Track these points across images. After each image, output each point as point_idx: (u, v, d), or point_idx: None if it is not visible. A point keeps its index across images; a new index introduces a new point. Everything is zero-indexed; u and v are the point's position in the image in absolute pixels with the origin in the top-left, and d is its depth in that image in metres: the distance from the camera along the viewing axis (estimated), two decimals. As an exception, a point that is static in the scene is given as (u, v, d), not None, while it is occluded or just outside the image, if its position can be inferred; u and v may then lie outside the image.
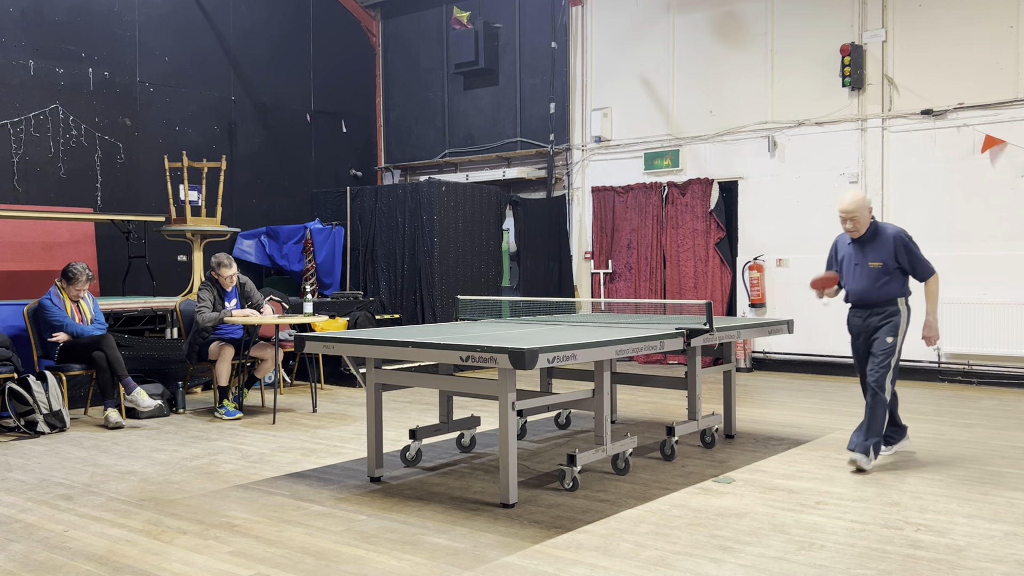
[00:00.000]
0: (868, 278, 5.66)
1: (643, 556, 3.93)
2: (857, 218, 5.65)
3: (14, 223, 9.40)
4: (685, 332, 5.57)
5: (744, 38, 10.64)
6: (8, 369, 7.11)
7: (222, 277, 7.75)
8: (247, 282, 8.01)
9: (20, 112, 9.87)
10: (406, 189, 10.91)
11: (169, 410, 7.79)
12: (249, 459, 5.97)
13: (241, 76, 12.10)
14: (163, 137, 11.16)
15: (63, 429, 6.99)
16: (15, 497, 5.04)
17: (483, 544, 4.10)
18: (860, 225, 5.66)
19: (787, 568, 3.76)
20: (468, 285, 10.90)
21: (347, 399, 8.62)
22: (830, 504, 4.71)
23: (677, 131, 11.18)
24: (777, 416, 7.44)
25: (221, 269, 7.75)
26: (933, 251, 9.33)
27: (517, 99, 12.57)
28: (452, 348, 4.64)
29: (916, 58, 9.49)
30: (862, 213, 5.62)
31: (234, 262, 7.90)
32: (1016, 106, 8.91)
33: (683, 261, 11.03)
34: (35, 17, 10.01)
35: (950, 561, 3.82)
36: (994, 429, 6.76)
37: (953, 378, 9.27)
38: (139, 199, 10.84)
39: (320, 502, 4.86)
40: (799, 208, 10.26)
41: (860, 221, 5.66)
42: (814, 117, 10.13)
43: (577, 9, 11.98)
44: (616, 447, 5.35)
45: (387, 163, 14.04)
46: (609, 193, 11.65)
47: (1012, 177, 8.95)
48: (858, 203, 5.62)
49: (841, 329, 9.99)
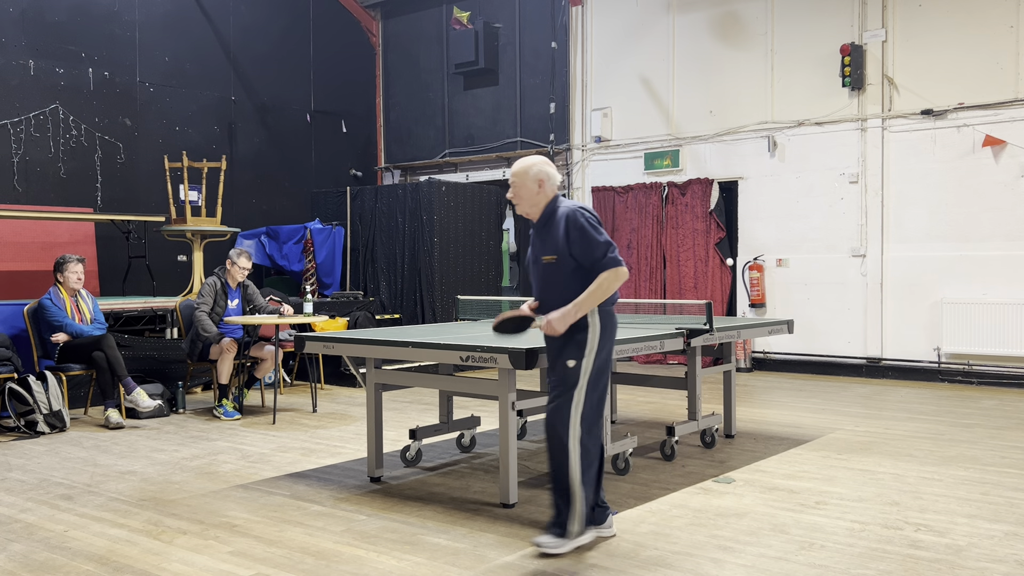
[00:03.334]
0: (542, 278, 4.09)
1: (643, 556, 3.92)
2: (519, 191, 4.09)
3: (14, 223, 9.40)
4: (685, 332, 5.57)
5: (744, 38, 10.64)
6: (8, 369, 7.11)
7: (235, 267, 7.76)
8: (249, 284, 8.02)
9: (20, 112, 9.87)
10: (406, 189, 10.91)
11: (169, 410, 7.79)
12: (249, 459, 5.97)
13: (241, 76, 12.10)
14: (163, 137, 11.16)
15: (63, 429, 6.99)
16: (15, 497, 5.04)
17: (483, 544, 4.10)
18: (524, 201, 4.10)
19: (787, 568, 3.76)
20: (468, 285, 10.90)
21: (347, 399, 8.62)
22: (830, 504, 4.71)
23: (677, 131, 11.18)
24: (777, 416, 7.44)
25: (240, 259, 7.78)
26: (933, 251, 9.37)
27: (517, 99, 12.57)
28: (452, 348, 4.64)
29: (916, 58, 9.50)
30: (524, 183, 4.06)
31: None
32: (1016, 106, 8.91)
33: (683, 261, 11.03)
34: (35, 17, 10.01)
35: (950, 561, 3.82)
36: (994, 429, 6.76)
37: (953, 378, 9.27)
38: (139, 199, 10.84)
39: (320, 502, 4.86)
40: (799, 208, 10.27)
41: (523, 195, 4.08)
42: (814, 117, 10.13)
43: (577, 9, 11.98)
44: (616, 447, 5.35)
45: (387, 163, 14.04)
46: (609, 193, 11.65)
47: (1012, 177, 8.95)
48: (522, 168, 4.08)
49: (841, 329, 10.07)
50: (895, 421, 7.13)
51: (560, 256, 3.96)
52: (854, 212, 9.88)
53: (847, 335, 9.94)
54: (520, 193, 4.10)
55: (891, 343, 9.66)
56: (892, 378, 9.63)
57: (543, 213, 4.07)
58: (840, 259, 9.98)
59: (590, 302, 3.87)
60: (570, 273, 3.95)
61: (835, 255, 10.02)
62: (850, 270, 9.91)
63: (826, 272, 10.08)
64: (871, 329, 9.76)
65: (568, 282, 3.95)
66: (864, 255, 9.80)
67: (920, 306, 9.47)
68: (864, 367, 9.82)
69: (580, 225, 3.91)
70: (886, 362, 9.70)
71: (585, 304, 3.87)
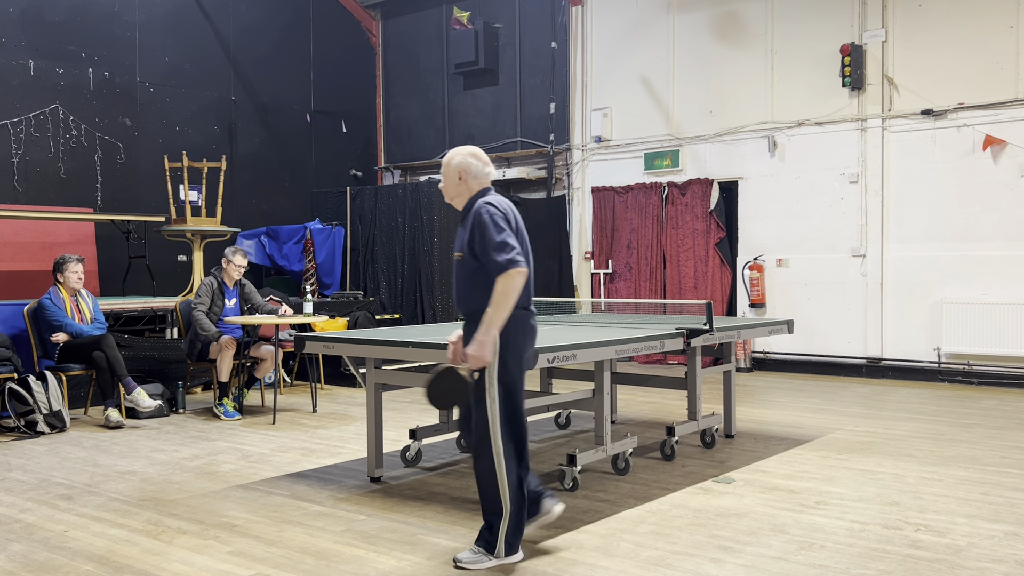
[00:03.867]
0: (455, 274, 3.99)
1: (643, 556, 3.92)
2: (444, 181, 3.99)
3: (14, 223, 9.40)
4: (685, 332, 5.57)
5: (744, 38, 10.64)
6: (8, 369, 7.11)
7: (232, 265, 7.78)
8: (247, 283, 8.02)
9: (20, 112, 9.87)
10: (406, 189, 10.91)
11: (169, 410, 7.79)
12: (249, 459, 5.97)
13: (241, 76, 12.10)
14: (163, 137, 11.16)
15: (63, 429, 6.99)
16: (15, 497, 5.04)
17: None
18: (447, 192, 3.99)
19: (787, 568, 3.76)
20: (468, 285, 10.88)
21: (347, 399, 8.62)
22: (830, 504, 4.71)
23: (677, 131, 11.18)
24: (777, 416, 7.44)
25: (236, 257, 7.79)
26: (933, 251, 9.37)
27: (517, 99, 12.57)
28: (452, 348, 4.63)
29: (916, 58, 9.49)
30: (446, 174, 3.97)
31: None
32: (1016, 106, 8.91)
33: (683, 261, 11.03)
34: (35, 17, 10.01)
35: (950, 561, 3.82)
36: (994, 429, 6.76)
37: (953, 378, 9.27)
38: (139, 199, 10.84)
39: (320, 502, 4.86)
40: (799, 208, 10.27)
41: (446, 186, 3.98)
42: (814, 117, 10.13)
43: (577, 9, 11.98)
44: (616, 447, 5.35)
45: (387, 163, 14.04)
46: (609, 193, 11.65)
47: (1012, 177, 8.95)
48: (447, 159, 3.98)
49: (841, 329, 10.07)
50: (895, 421, 7.14)
51: (465, 254, 3.83)
52: (854, 212, 9.88)
53: (847, 335, 9.94)
54: (444, 183, 3.98)
55: (891, 343, 9.65)
56: (892, 378, 9.63)
57: (464, 207, 3.93)
58: (840, 259, 9.98)
59: (497, 316, 3.65)
60: (475, 271, 3.79)
61: (835, 255, 10.02)
62: (850, 270, 9.91)
63: (826, 272, 10.08)
64: (871, 329, 9.76)
65: (474, 280, 3.78)
66: (864, 255, 9.80)
67: (920, 306, 9.47)
68: (864, 367, 9.82)
69: (482, 223, 3.73)
70: (886, 362, 9.69)
71: (494, 322, 3.65)
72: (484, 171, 3.95)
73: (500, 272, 3.64)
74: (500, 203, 3.84)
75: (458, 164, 3.92)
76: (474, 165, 3.92)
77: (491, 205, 3.78)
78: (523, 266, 3.68)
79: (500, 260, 3.64)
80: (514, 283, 3.65)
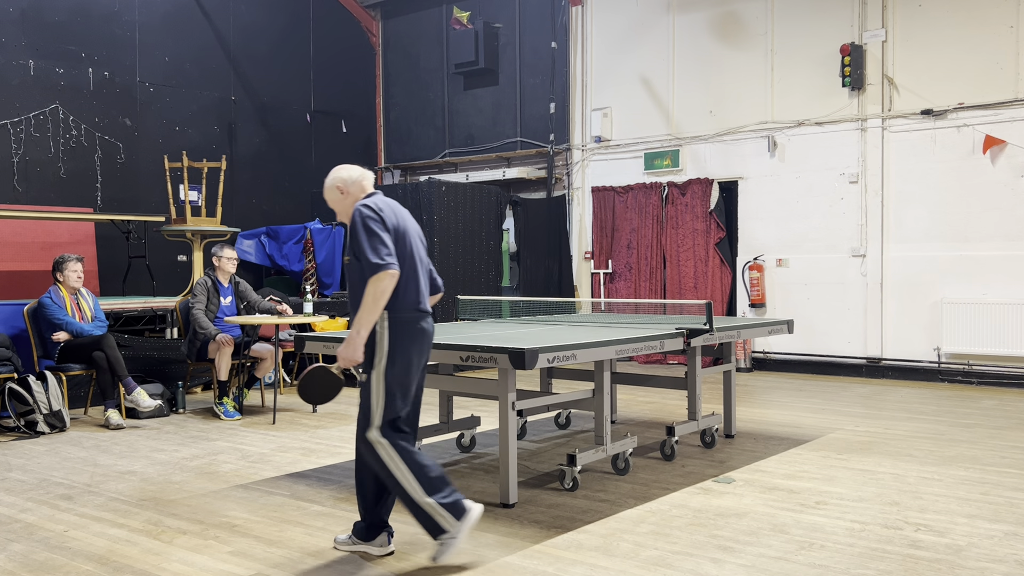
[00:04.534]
0: (348, 278, 3.94)
1: (643, 556, 3.93)
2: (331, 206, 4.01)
3: (14, 223, 9.40)
4: (685, 332, 5.57)
5: (744, 38, 10.64)
6: (8, 369, 7.11)
7: (222, 260, 7.81)
8: (241, 281, 8.04)
9: (20, 112, 9.87)
10: (406, 189, 10.91)
11: (169, 410, 7.79)
12: (249, 459, 5.97)
13: (241, 76, 12.10)
14: (163, 137, 11.16)
15: (63, 429, 6.99)
16: (15, 497, 5.04)
17: (483, 544, 4.10)
18: (338, 212, 4.03)
19: (787, 568, 3.76)
20: (468, 285, 10.90)
21: (347, 399, 8.62)
22: (830, 504, 4.71)
23: (677, 131, 11.18)
24: (777, 416, 7.44)
25: (224, 251, 7.86)
26: (933, 251, 9.37)
27: (517, 99, 12.57)
28: (452, 348, 4.64)
29: (916, 58, 9.50)
30: (329, 197, 4.01)
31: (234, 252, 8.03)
32: (1016, 106, 8.91)
33: (683, 261, 11.03)
34: (35, 17, 10.01)
35: (950, 561, 3.82)
36: (994, 429, 6.76)
37: (953, 378, 9.27)
38: (139, 199, 10.84)
39: (320, 502, 4.86)
40: (799, 208, 10.27)
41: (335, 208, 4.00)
42: (814, 117, 10.13)
43: (577, 9, 11.98)
44: (616, 447, 5.35)
45: (387, 163, 14.04)
46: (609, 193, 11.65)
47: (1012, 177, 8.95)
48: (325, 187, 4.02)
49: (841, 329, 10.06)
50: (895, 421, 7.14)
51: (351, 257, 3.82)
52: (854, 212, 9.88)
53: (847, 335, 9.94)
54: (332, 205, 4.00)
55: (891, 343, 9.66)
56: (892, 378, 9.63)
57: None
58: (840, 259, 9.98)
59: (366, 317, 3.64)
60: (362, 273, 3.70)
61: (835, 255, 10.02)
62: (850, 270, 9.91)
63: (826, 272, 10.08)
64: (871, 329, 9.76)
65: (363, 282, 3.70)
66: (864, 255, 9.80)
67: (920, 306, 9.47)
68: (864, 367, 9.82)
69: (355, 225, 3.73)
70: (886, 362, 9.70)
71: (362, 321, 3.64)
72: (360, 177, 3.98)
73: (370, 274, 3.63)
74: (377, 203, 3.81)
75: (333, 181, 3.97)
76: (349, 176, 3.96)
77: (365, 207, 3.77)
78: (392, 268, 3.64)
79: (369, 262, 3.63)
80: (382, 285, 3.62)
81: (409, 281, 3.81)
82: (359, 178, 3.98)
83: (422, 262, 3.93)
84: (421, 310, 3.86)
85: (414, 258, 3.85)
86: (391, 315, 3.76)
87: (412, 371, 3.82)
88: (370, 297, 3.62)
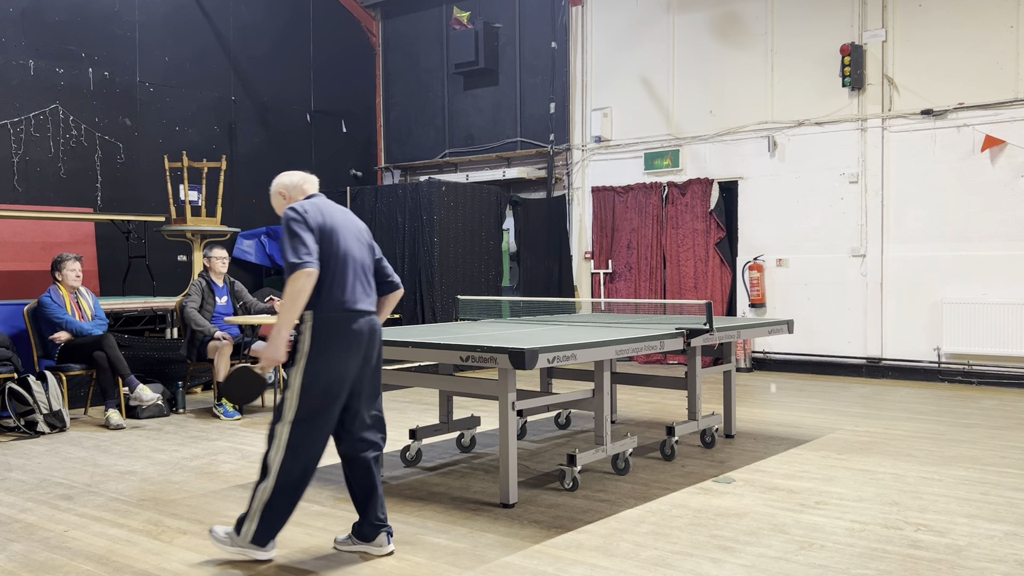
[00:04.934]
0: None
1: (643, 556, 3.93)
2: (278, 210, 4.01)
3: (14, 223, 9.40)
4: (685, 332, 5.57)
5: (744, 38, 10.64)
6: (8, 369, 7.11)
7: (214, 260, 7.88)
8: (235, 282, 8.06)
9: (20, 112, 9.88)
10: (406, 189, 10.91)
11: (169, 410, 7.78)
12: (249, 459, 5.97)
13: (241, 76, 12.10)
14: (163, 137, 11.17)
15: (63, 429, 6.99)
16: (15, 497, 5.04)
17: (483, 544, 4.10)
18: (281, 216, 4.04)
19: (787, 568, 3.76)
20: (468, 285, 10.90)
21: (347, 399, 8.62)
22: (830, 504, 4.71)
23: (677, 131, 11.18)
24: (777, 416, 7.44)
25: (214, 251, 7.95)
26: (933, 251, 9.37)
27: (517, 99, 12.57)
28: (452, 348, 4.64)
29: (916, 58, 9.50)
30: (274, 203, 4.04)
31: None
32: (1016, 106, 8.91)
33: (683, 261, 11.03)
34: (35, 17, 10.01)
35: (950, 561, 3.82)
36: (994, 429, 6.76)
37: (953, 378, 9.27)
38: (139, 199, 10.84)
39: (320, 502, 4.86)
40: (799, 208, 10.27)
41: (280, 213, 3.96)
42: (814, 117, 10.13)
43: (577, 9, 11.98)
44: (616, 447, 5.35)
45: (387, 163, 14.04)
46: (609, 193, 11.65)
47: (1012, 177, 8.95)
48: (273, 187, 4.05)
49: (841, 329, 10.06)
50: (895, 421, 7.14)
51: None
52: (854, 212, 9.88)
53: (847, 335, 9.94)
54: (278, 213, 3.99)
55: (891, 343, 9.66)
56: (892, 378, 9.63)
57: None
58: (840, 259, 9.98)
59: (284, 317, 3.63)
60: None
61: (835, 255, 10.02)
62: (850, 270, 9.91)
63: (826, 272, 10.08)
64: (871, 329, 9.76)
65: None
66: (864, 255, 9.80)
67: (920, 306, 9.47)
68: (864, 367, 9.82)
69: (283, 226, 3.76)
70: (886, 362, 9.70)
71: (282, 321, 3.64)
72: (301, 181, 3.99)
73: (287, 274, 3.64)
74: (304, 205, 3.81)
75: (276, 188, 4.00)
76: (290, 182, 3.98)
77: (291, 209, 3.78)
78: (308, 267, 3.62)
79: (287, 261, 3.65)
80: (298, 284, 3.60)
81: (335, 280, 3.76)
82: (299, 183, 3.98)
83: (356, 260, 3.86)
84: (350, 309, 3.79)
85: (343, 257, 3.80)
86: (315, 314, 3.74)
87: (336, 371, 3.75)
88: (288, 296, 3.61)
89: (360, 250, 3.92)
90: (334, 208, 3.92)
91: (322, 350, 3.72)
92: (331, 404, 3.77)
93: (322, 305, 3.74)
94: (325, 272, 3.73)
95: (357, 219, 4.04)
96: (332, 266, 3.76)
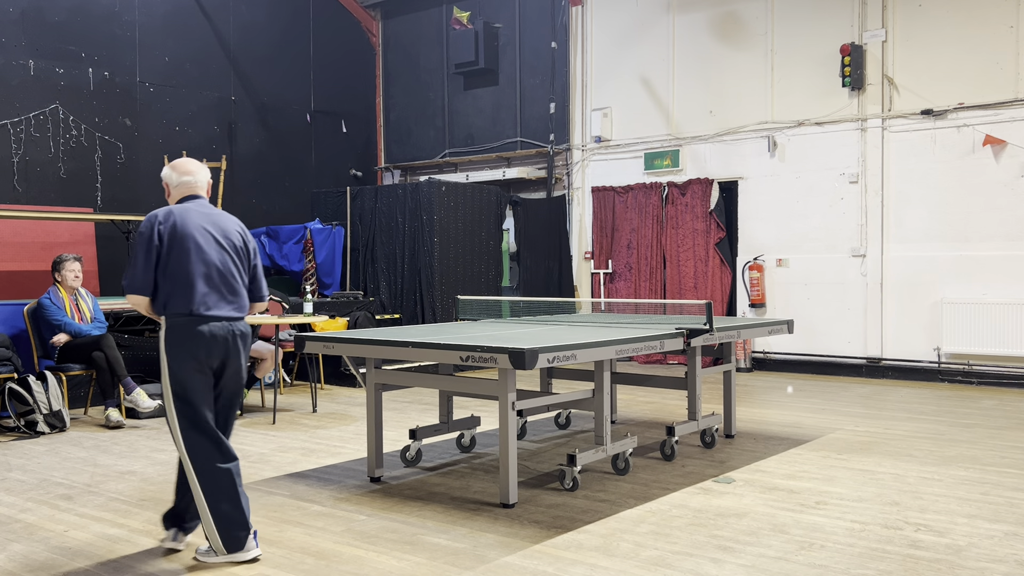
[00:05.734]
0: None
1: (643, 556, 3.93)
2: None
3: (14, 223, 9.40)
4: (685, 332, 5.57)
5: (744, 38, 10.64)
6: (8, 369, 7.11)
7: None
8: None
9: (20, 112, 9.87)
10: (406, 189, 10.91)
11: (169, 410, 7.77)
12: (249, 459, 5.97)
13: (241, 76, 12.10)
14: (163, 137, 11.16)
15: (63, 429, 6.99)
16: (15, 497, 5.04)
17: (483, 544, 4.10)
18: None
19: (787, 568, 3.76)
20: (468, 285, 10.90)
21: (347, 399, 8.62)
22: (830, 504, 4.71)
23: (677, 131, 11.18)
24: (777, 416, 7.44)
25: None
26: (933, 251, 9.36)
27: (517, 99, 12.57)
28: (452, 348, 4.64)
29: (916, 58, 9.50)
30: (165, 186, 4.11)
31: None
32: (1016, 106, 8.91)
33: (683, 261, 11.03)
34: (35, 17, 10.01)
35: (950, 561, 3.82)
36: (994, 429, 6.76)
37: (953, 378, 9.27)
38: (139, 199, 10.84)
39: (320, 502, 4.86)
40: (799, 208, 10.27)
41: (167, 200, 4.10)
42: (814, 117, 10.13)
43: (577, 9, 11.98)
44: (616, 447, 5.35)
45: (387, 163, 14.04)
46: (609, 193, 11.65)
47: (1012, 177, 8.95)
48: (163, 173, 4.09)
49: (841, 329, 10.06)
50: (895, 421, 7.14)
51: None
52: (854, 212, 9.88)
53: (847, 335, 9.94)
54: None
55: (891, 343, 9.66)
56: (892, 378, 9.63)
57: None
58: (840, 259, 9.98)
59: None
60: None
61: (835, 255, 10.02)
62: (850, 270, 9.91)
63: (826, 272, 10.08)
64: (871, 329, 9.76)
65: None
66: (864, 255, 9.80)
67: (920, 306, 9.47)
68: (864, 367, 9.82)
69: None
70: (886, 362, 9.70)
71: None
72: (181, 180, 4.03)
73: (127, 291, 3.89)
74: (160, 213, 3.88)
75: (163, 177, 4.07)
76: (171, 176, 4.04)
77: (146, 219, 3.87)
78: (129, 291, 3.83)
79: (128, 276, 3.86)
80: (132, 302, 3.89)
81: (176, 287, 3.82)
82: (183, 181, 4.04)
83: (212, 267, 3.89)
84: (196, 314, 3.83)
85: (187, 264, 3.83)
86: (166, 321, 3.86)
87: (190, 373, 3.83)
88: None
89: (221, 256, 3.93)
90: (197, 214, 3.93)
91: (174, 355, 3.83)
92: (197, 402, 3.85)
93: (169, 312, 3.84)
94: (171, 281, 3.82)
95: (231, 223, 4.05)
96: (175, 273, 3.83)
